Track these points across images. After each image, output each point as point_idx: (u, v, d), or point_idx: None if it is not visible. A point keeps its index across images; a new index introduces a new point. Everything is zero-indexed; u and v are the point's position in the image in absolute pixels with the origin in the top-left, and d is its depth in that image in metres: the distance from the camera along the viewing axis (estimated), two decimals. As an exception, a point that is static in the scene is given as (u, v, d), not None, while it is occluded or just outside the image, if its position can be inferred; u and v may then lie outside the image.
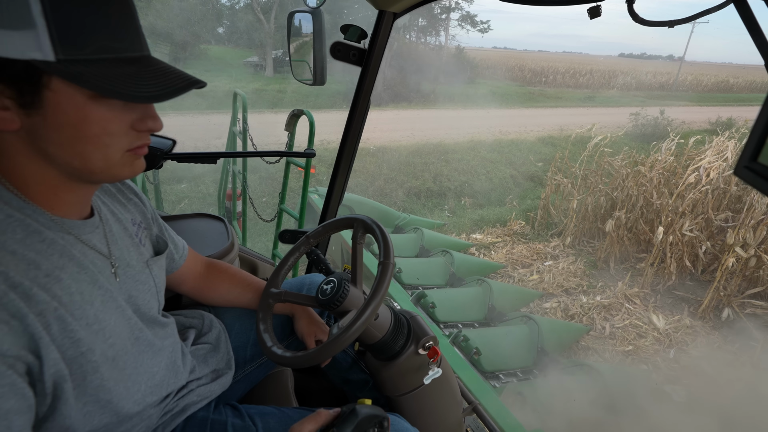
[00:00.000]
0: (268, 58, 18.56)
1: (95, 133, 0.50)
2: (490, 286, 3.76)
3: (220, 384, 0.83)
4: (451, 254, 4.21)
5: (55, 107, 0.47)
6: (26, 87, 0.45)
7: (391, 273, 0.77)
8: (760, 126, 0.38)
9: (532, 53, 47.22)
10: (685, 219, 4.92)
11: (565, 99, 20.98)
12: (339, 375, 1.09)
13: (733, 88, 31.59)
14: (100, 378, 0.56)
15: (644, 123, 12.13)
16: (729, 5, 0.56)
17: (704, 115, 14.31)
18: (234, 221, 3.55)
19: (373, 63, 1.17)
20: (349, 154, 1.33)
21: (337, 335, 0.73)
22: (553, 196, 6.45)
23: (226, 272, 0.96)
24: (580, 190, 6.12)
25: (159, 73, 0.51)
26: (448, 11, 20.86)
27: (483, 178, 8.45)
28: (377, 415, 0.65)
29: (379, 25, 1.13)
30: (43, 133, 0.48)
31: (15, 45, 0.41)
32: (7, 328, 0.45)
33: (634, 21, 0.70)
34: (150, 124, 0.54)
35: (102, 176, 0.54)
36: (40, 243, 0.51)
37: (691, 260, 5.04)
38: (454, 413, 1.09)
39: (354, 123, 1.26)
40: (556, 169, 6.52)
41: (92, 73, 0.45)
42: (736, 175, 0.41)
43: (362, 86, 1.21)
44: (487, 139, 11.10)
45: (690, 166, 5.43)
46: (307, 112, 2.26)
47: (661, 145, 6.06)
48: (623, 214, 5.43)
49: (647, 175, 5.62)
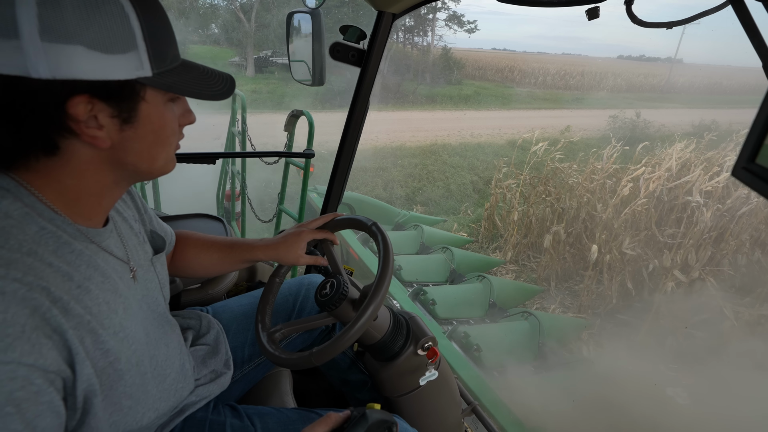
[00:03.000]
0: (249, 58, 18.40)
1: (167, 134, 0.56)
2: (490, 282, 3.76)
3: (219, 384, 0.83)
4: (451, 251, 4.21)
5: (146, 117, 0.51)
6: (126, 103, 0.49)
7: (390, 278, 0.77)
8: (758, 127, 0.38)
9: (531, 55, 47.25)
10: (625, 236, 4.46)
11: (551, 100, 20.48)
12: (338, 375, 1.09)
13: (726, 90, 31.34)
14: (124, 385, 0.56)
15: (621, 126, 11.86)
16: (727, 7, 0.56)
17: (689, 117, 13.71)
18: (233, 221, 3.55)
19: (372, 64, 1.17)
20: (349, 154, 1.33)
21: (336, 338, 0.73)
22: (500, 205, 5.94)
23: (188, 239, 0.93)
24: (526, 200, 5.70)
25: (207, 74, 0.57)
26: (435, 11, 20.75)
27: (440, 184, 7.98)
28: (387, 420, 0.64)
29: (378, 26, 1.13)
30: (129, 145, 0.52)
31: (124, 67, 0.46)
32: (51, 344, 0.45)
33: (632, 23, 0.71)
34: (190, 118, 0.60)
35: (156, 174, 0.58)
36: (70, 254, 0.51)
37: (637, 281, 4.46)
38: (454, 414, 1.09)
39: (353, 123, 1.27)
40: (503, 176, 6.05)
41: (177, 81, 0.52)
42: (734, 176, 0.41)
43: (361, 87, 1.21)
44: (453, 143, 10.52)
45: (626, 176, 5.00)
46: (307, 113, 2.26)
47: (603, 152, 5.59)
48: (562, 228, 4.97)
49: (585, 185, 5.27)
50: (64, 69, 0.43)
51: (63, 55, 0.42)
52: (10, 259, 0.44)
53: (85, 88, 0.45)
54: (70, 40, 0.43)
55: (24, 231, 0.47)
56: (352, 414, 0.65)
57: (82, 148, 0.49)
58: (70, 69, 0.43)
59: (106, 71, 0.45)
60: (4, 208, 0.47)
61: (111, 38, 0.45)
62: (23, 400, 0.41)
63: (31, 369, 0.42)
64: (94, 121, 0.47)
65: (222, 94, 0.56)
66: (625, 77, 29.31)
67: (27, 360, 0.42)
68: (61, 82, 0.43)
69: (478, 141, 10.99)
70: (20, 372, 0.41)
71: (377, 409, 0.66)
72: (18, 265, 0.44)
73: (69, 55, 0.43)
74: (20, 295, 0.43)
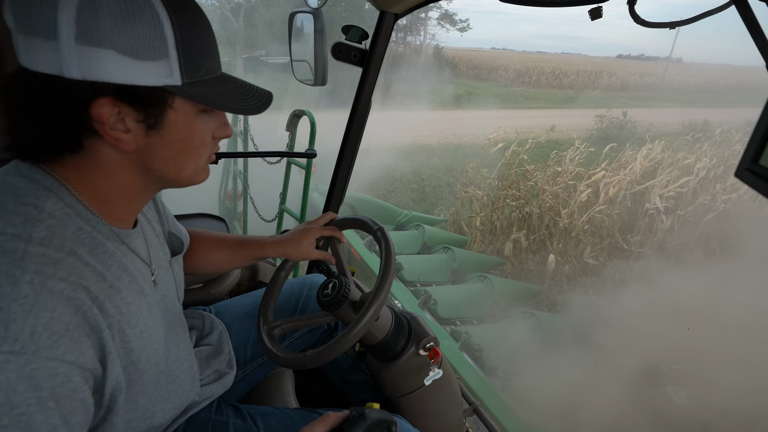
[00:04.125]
0: (237, 59, 18.40)
1: (196, 144, 0.56)
2: (492, 282, 3.76)
3: (222, 384, 0.84)
4: (452, 251, 4.21)
5: (172, 125, 0.52)
6: (152, 109, 0.50)
7: (392, 279, 0.77)
8: (762, 128, 0.38)
9: (530, 54, 46.98)
10: (585, 244, 4.12)
11: (543, 100, 20.13)
12: (340, 375, 1.10)
13: (722, 89, 30.95)
14: (142, 384, 0.57)
15: (608, 126, 11.61)
16: (730, 6, 0.56)
17: (680, 117, 13.20)
18: (235, 221, 3.55)
19: (374, 64, 1.17)
20: (351, 154, 1.33)
21: (337, 339, 0.73)
22: (467, 209, 5.52)
23: (199, 237, 0.93)
24: (494, 204, 5.33)
25: (244, 89, 0.57)
26: (426, 10, 20.60)
27: (414, 186, 7.66)
28: (386, 420, 0.64)
29: (381, 26, 1.13)
30: (155, 150, 0.53)
31: (152, 73, 0.47)
32: (89, 342, 0.46)
33: (635, 22, 0.70)
34: (227, 131, 0.60)
35: (185, 183, 0.59)
36: (103, 254, 0.52)
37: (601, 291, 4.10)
38: (455, 414, 1.09)
39: (355, 123, 1.27)
40: (467, 180, 5.69)
41: (208, 92, 0.52)
42: (737, 177, 0.41)
43: (363, 87, 1.21)
44: (434, 143, 9.98)
45: (585, 180, 4.67)
46: (308, 113, 2.26)
47: (562, 156, 5.24)
48: (523, 234, 4.65)
49: (546, 189, 4.92)
50: (94, 71, 0.45)
51: (94, 57, 0.44)
52: (56, 259, 0.46)
53: (111, 91, 0.46)
54: (102, 44, 0.44)
55: (65, 231, 0.48)
56: (351, 413, 0.66)
57: (107, 149, 0.51)
58: (100, 72, 0.45)
59: (134, 76, 0.46)
60: (49, 208, 0.48)
61: (142, 45, 0.46)
62: (61, 396, 0.43)
63: (72, 366, 0.44)
64: (121, 123, 0.49)
65: (255, 109, 0.56)
66: (620, 76, 29.03)
67: (69, 357, 0.43)
68: (90, 83, 0.45)
69: (459, 141, 10.51)
70: (62, 369, 0.43)
71: (376, 408, 0.66)
72: (63, 265, 0.46)
73: (99, 58, 0.44)
74: (66, 294, 0.44)
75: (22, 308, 0.41)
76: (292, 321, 0.85)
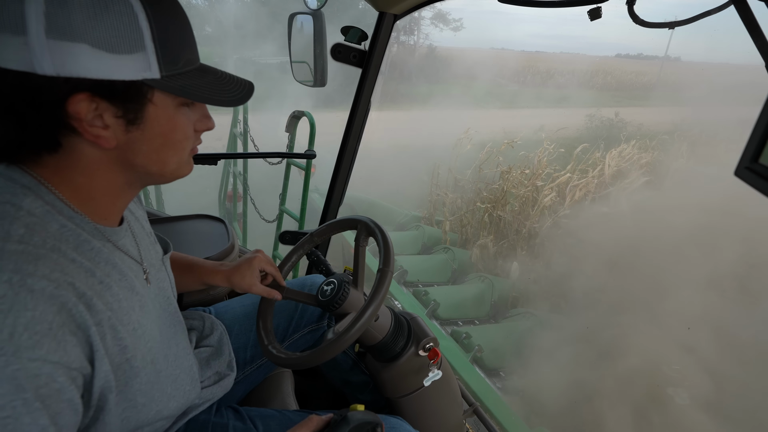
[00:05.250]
0: (228, 59, 18.43)
1: (178, 138, 0.55)
2: (492, 282, 3.76)
3: (222, 386, 0.83)
4: (453, 251, 4.21)
5: (153, 120, 0.51)
6: (131, 104, 0.48)
7: (390, 280, 0.77)
8: (761, 127, 0.38)
9: (528, 53, 46.91)
10: (553, 251, 3.92)
11: (537, 98, 19.72)
12: (339, 376, 1.09)
13: (718, 87, 30.60)
14: (139, 382, 0.56)
15: (598, 125, 11.43)
16: (729, 6, 0.56)
17: (672, 116, 12.83)
18: (234, 222, 3.55)
19: (374, 65, 1.18)
20: (350, 155, 1.34)
21: (335, 338, 0.73)
22: (440, 213, 5.23)
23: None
24: (468, 207, 5.13)
25: (224, 80, 0.56)
26: (420, 11, 20.42)
27: (395, 188, 7.04)
28: (370, 422, 0.64)
29: (380, 27, 1.13)
30: (136, 146, 0.51)
31: (129, 68, 0.46)
32: (75, 340, 0.45)
33: (634, 22, 0.70)
34: (208, 124, 0.59)
35: (170, 177, 0.58)
36: (90, 251, 0.51)
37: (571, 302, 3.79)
38: (455, 415, 1.09)
39: (354, 124, 1.27)
40: (436, 183, 5.43)
41: (188, 85, 0.51)
42: (737, 176, 0.41)
43: (363, 88, 1.21)
44: (418, 144, 9.46)
45: (550, 184, 4.38)
46: (308, 114, 2.26)
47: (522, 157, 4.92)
48: (490, 240, 4.43)
49: (514, 192, 4.69)
50: (69, 67, 0.43)
51: (67, 52, 0.43)
52: (38, 255, 0.45)
53: (88, 87, 0.45)
54: (75, 38, 0.42)
55: (46, 228, 0.47)
56: (333, 417, 0.65)
57: (86, 147, 0.49)
58: (74, 67, 0.43)
59: (110, 71, 0.45)
60: (27, 205, 0.47)
61: (117, 38, 0.44)
62: (47, 397, 0.42)
63: (56, 366, 0.43)
64: (100, 120, 0.47)
65: (237, 100, 0.55)
66: (615, 75, 28.90)
67: (53, 357, 0.42)
68: (65, 79, 0.43)
69: (445, 143, 10.28)
70: (46, 369, 0.42)
71: (360, 410, 0.66)
72: (45, 262, 0.45)
73: (73, 53, 0.43)
74: (48, 292, 0.43)
75: (0, 308, 0.40)
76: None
